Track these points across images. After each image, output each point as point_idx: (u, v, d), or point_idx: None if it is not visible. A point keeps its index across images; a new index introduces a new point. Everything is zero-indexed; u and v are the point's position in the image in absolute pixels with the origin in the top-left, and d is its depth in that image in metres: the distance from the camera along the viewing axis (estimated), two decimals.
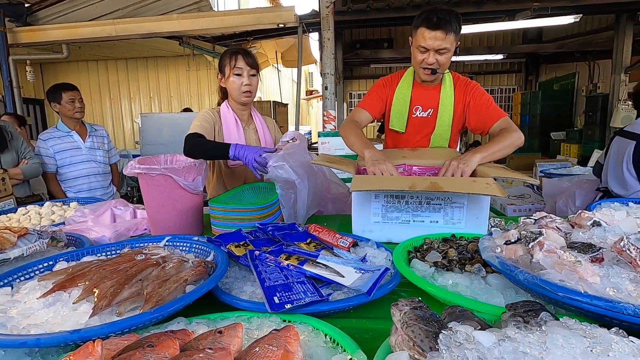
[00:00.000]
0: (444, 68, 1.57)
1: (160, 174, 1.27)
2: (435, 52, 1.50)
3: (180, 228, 1.34)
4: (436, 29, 1.46)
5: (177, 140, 4.67)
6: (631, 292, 0.61)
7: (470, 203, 1.20)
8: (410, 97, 1.69)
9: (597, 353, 0.45)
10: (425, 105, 1.69)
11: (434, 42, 1.48)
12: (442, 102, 1.67)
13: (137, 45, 6.60)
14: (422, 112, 1.70)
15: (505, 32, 8.73)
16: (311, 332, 0.67)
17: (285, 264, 0.91)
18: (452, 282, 0.84)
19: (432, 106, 1.69)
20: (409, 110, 1.70)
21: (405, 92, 1.69)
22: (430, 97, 1.69)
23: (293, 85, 11.30)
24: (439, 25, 1.45)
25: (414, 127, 1.73)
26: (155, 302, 0.72)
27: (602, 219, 0.81)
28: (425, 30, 1.48)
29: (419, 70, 1.61)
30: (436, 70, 1.56)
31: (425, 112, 1.70)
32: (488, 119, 1.60)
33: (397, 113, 1.71)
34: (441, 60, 1.53)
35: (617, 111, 5.62)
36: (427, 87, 1.69)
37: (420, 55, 1.54)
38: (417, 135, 1.74)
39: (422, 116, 1.70)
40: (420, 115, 1.70)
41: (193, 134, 1.56)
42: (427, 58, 1.53)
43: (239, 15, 4.58)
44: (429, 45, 1.49)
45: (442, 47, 1.49)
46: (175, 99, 8.22)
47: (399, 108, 1.70)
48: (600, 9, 5.24)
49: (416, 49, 1.55)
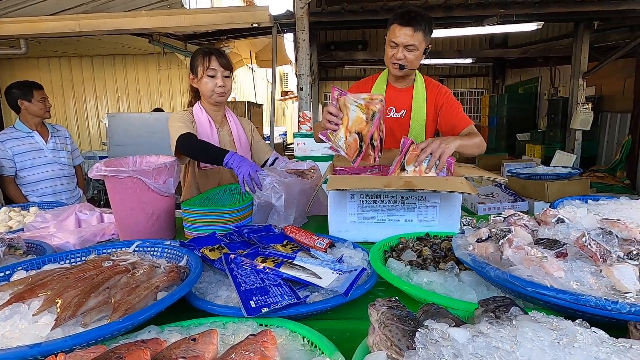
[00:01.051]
0: (413, 65, 1.63)
1: (128, 176, 1.22)
2: (404, 47, 1.57)
3: (151, 232, 1.29)
4: (406, 25, 1.54)
5: (147, 141, 4.52)
6: (592, 285, 0.65)
7: (443, 202, 1.24)
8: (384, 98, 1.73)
9: (564, 344, 0.47)
10: (399, 106, 1.73)
11: (403, 38, 1.55)
12: (414, 104, 1.71)
13: (103, 42, 6.32)
14: (396, 113, 1.74)
15: (474, 37, 9.07)
16: (288, 336, 0.66)
17: (261, 266, 0.89)
18: (427, 280, 0.85)
19: (405, 107, 1.73)
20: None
21: (379, 93, 1.72)
22: (403, 98, 1.73)
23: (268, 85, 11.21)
24: (410, 22, 1.53)
25: (388, 128, 1.76)
26: (125, 310, 0.68)
27: (566, 216, 0.85)
28: (396, 27, 1.56)
29: (389, 66, 1.67)
30: (404, 66, 1.61)
31: (398, 113, 1.74)
32: (458, 124, 1.69)
33: None
34: (409, 57, 1.59)
35: (576, 114, 5.96)
36: (400, 88, 1.73)
37: (391, 50, 1.61)
38: (391, 136, 1.77)
39: (396, 117, 1.74)
40: (393, 116, 1.74)
41: (187, 134, 1.52)
42: (396, 53, 1.59)
43: (212, 13, 4.48)
44: (398, 41, 1.56)
45: (410, 44, 1.56)
46: (145, 98, 7.93)
47: None
48: (560, 17, 5.54)
49: (388, 45, 1.62)
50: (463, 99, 10.59)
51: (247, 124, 1.90)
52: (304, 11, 4.04)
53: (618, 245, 0.72)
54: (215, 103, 1.70)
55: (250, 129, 1.89)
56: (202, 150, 1.50)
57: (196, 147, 1.50)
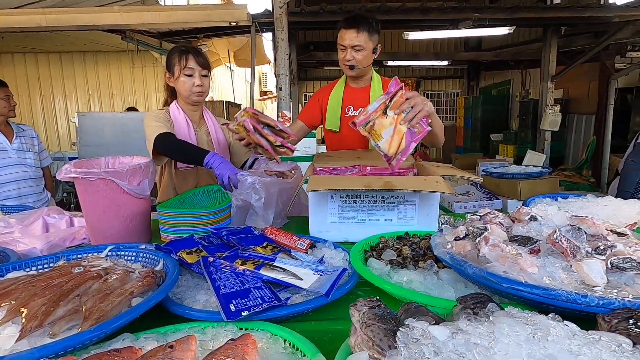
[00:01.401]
0: (362, 64, 1.70)
1: (100, 178, 1.17)
2: (351, 49, 1.65)
3: (125, 236, 1.24)
4: (351, 27, 1.63)
5: (120, 141, 4.37)
6: (564, 279, 0.67)
7: (421, 201, 1.26)
8: (342, 98, 1.82)
9: (538, 338, 0.49)
10: (356, 105, 1.81)
11: (349, 40, 1.63)
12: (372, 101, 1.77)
13: (73, 38, 6.06)
14: (354, 112, 1.81)
15: (450, 40, 9.32)
16: (269, 339, 0.65)
17: (241, 269, 0.88)
18: (407, 279, 0.86)
19: (362, 105, 1.79)
20: (341, 110, 1.82)
21: (338, 94, 1.82)
22: (360, 97, 1.80)
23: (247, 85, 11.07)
24: (353, 24, 1.62)
25: (347, 126, 1.81)
26: (96, 318, 0.65)
27: (538, 213, 0.88)
28: (342, 30, 1.65)
29: (342, 67, 1.75)
30: (354, 66, 1.69)
31: (356, 112, 1.81)
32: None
33: (331, 114, 1.83)
34: (357, 57, 1.67)
35: (545, 115, 6.23)
36: (358, 88, 1.81)
37: (341, 53, 1.69)
38: (351, 134, 1.81)
39: (354, 115, 1.80)
40: (352, 115, 1.81)
41: (166, 133, 1.48)
42: (345, 55, 1.67)
43: (188, 11, 4.39)
44: (345, 43, 1.65)
45: (355, 44, 1.63)
46: (118, 97, 7.67)
47: (332, 108, 1.83)
48: (530, 23, 5.78)
49: (338, 47, 1.70)
50: (439, 100, 10.85)
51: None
52: (282, 11, 4.02)
53: (586, 241, 0.75)
54: (193, 103, 1.66)
55: (228, 130, 1.86)
56: (182, 150, 1.47)
57: (175, 146, 1.47)
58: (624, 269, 0.67)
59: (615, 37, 5.34)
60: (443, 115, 10.85)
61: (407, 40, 6.45)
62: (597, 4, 5.27)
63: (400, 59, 8.38)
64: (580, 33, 6.18)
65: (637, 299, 0.60)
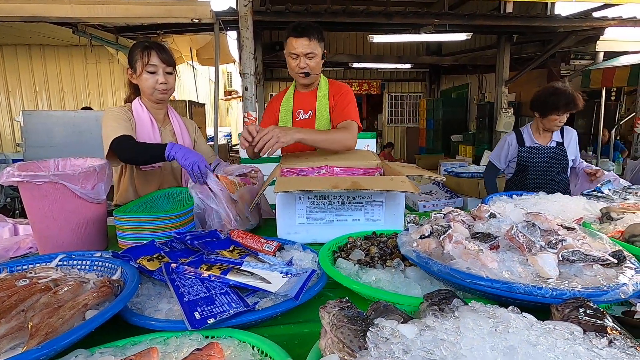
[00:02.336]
0: (315, 71, 1.73)
1: (48, 181, 1.08)
2: (304, 56, 1.67)
3: (78, 244, 1.16)
4: (301, 36, 1.64)
5: (72, 142, 4.08)
6: (521, 273, 0.71)
7: (388, 201, 1.28)
8: (293, 103, 1.85)
9: (500, 331, 0.51)
10: (306, 108, 1.84)
11: (302, 48, 1.65)
12: (318, 104, 1.82)
13: (16, 30, 5.58)
14: (304, 115, 1.84)
15: (412, 44, 9.63)
16: (237, 346, 0.63)
17: (206, 274, 0.84)
18: (375, 278, 0.87)
19: (311, 108, 1.83)
20: (292, 114, 1.84)
21: (289, 99, 1.85)
22: (308, 100, 1.83)
23: (211, 84, 10.77)
24: (304, 33, 1.64)
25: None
26: (45, 335, 0.60)
27: (497, 211, 0.92)
28: (293, 39, 1.65)
29: (295, 76, 1.76)
30: (309, 73, 1.71)
31: (306, 114, 1.83)
32: (338, 117, 1.75)
33: (283, 119, 1.85)
34: (311, 64, 1.69)
35: (500, 117, 6.62)
36: (306, 92, 1.84)
37: (293, 61, 1.70)
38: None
39: (304, 118, 1.83)
40: (302, 118, 1.83)
41: (123, 137, 1.39)
42: (299, 63, 1.68)
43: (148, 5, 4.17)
44: (298, 51, 1.66)
45: (308, 52, 1.66)
46: (70, 94, 7.16)
47: (284, 114, 1.85)
48: (485, 30, 6.13)
49: (289, 57, 1.70)
50: (403, 102, 11.17)
51: (191, 125, 1.80)
52: (247, 9, 3.95)
53: (540, 236, 0.80)
54: (157, 101, 1.58)
55: (194, 130, 1.80)
56: (141, 153, 1.38)
57: (134, 151, 1.39)
58: (574, 261, 0.72)
59: (560, 45, 5.79)
60: (406, 116, 11.19)
61: (371, 43, 6.58)
62: (544, 15, 5.68)
63: (365, 61, 8.53)
64: (529, 41, 6.64)
65: (586, 289, 0.64)
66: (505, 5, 5.86)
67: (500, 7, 6.10)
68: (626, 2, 4.13)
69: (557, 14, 5.47)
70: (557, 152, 2.22)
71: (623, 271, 0.71)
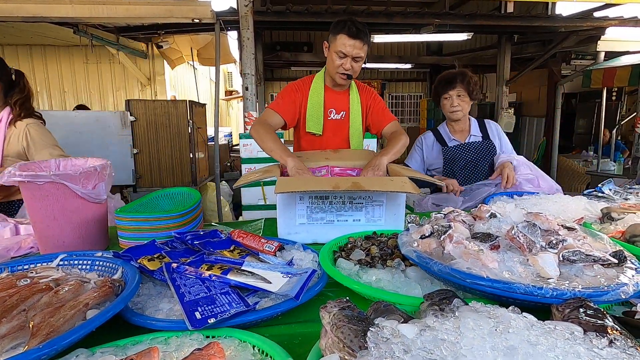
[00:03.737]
0: (356, 74, 1.72)
1: (50, 181, 1.08)
2: (352, 59, 1.63)
3: (79, 244, 1.16)
4: (356, 38, 1.59)
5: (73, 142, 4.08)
6: (521, 273, 0.71)
7: (388, 201, 1.28)
8: (324, 100, 1.78)
9: (501, 331, 0.51)
10: (338, 108, 1.81)
11: (352, 50, 1.61)
12: (352, 105, 1.81)
13: (17, 30, 5.58)
14: (336, 115, 1.81)
15: (413, 44, 9.64)
16: (238, 346, 0.63)
17: (207, 274, 0.85)
18: (376, 278, 0.87)
19: (344, 109, 1.81)
20: (323, 112, 1.79)
21: (319, 96, 1.77)
22: (341, 100, 1.81)
23: (211, 84, 10.77)
24: (359, 35, 1.60)
25: (330, 129, 1.82)
26: (46, 334, 0.60)
27: (497, 211, 0.92)
28: (346, 38, 1.60)
29: (335, 75, 1.71)
30: (351, 76, 1.69)
31: (338, 115, 1.81)
32: (383, 121, 1.81)
33: (312, 116, 1.78)
34: (355, 67, 1.67)
35: (501, 117, 6.61)
36: (338, 91, 1.81)
37: (339, 60, 1.64)
38: (333, 137, 1.82)
39: (336, 118, 1.81)
40: (334, 118, 1.81)
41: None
42: (344, 64, 1.64)
43: (148, 5, 4.17)
44: (348, 52, 1.61)
45: (358, 55, 1.63)
46: (71, 95, 7.16)
47: (314, 111, 1.77)
48: (486, 30, 6.13)
49: (335, 54, 1.65)
50: (404, 102, 11.16)
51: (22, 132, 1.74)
52: (248, 9, 3.95)
53: (541, 236, 0.79)
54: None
55: (23, 137, 1.73)
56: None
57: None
58: (574, 261, 0.72)
59: (561, 45, 5.79)
60: (407, 116, 11.18)
61: (372, 43, 6.58)
62: (545, 15, 5.67)
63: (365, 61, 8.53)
64: (530, 41, 6.63)
65: (586, 289, 0.64)
66: (506, 5, 5.86)
67: (500, 7, 6.11)
68: (627, 1, 4.13)
69: (558, 14, 5.47)
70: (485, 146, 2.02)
71: (624, 271, 0.71)
